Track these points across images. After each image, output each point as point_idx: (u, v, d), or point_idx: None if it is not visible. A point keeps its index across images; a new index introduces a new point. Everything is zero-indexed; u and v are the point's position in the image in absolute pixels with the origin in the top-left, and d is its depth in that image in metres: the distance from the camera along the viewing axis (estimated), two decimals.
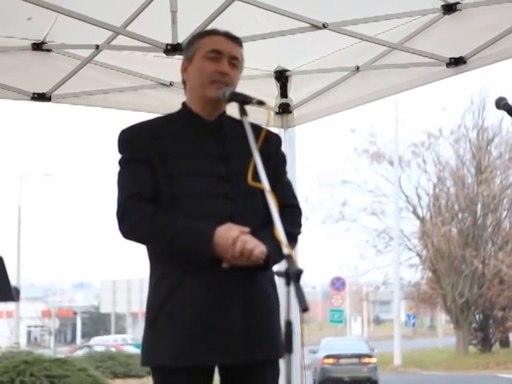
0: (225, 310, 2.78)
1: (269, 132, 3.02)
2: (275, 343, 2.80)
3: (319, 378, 21.78)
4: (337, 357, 21.91)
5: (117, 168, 2.92)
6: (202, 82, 2.88)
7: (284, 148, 3.08)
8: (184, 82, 2.98)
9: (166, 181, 2.82)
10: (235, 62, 2.90)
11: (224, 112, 2.96)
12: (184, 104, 2.97)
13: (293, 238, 2.89)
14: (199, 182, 2.82)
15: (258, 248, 2.70)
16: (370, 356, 22.29)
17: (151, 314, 2.84)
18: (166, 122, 2.97)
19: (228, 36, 2.92)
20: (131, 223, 2.81)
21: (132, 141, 2.88)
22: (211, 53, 2.87)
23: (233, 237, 2.69)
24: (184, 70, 2.96)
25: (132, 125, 2.93)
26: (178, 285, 2.79)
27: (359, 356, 22.30)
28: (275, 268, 2.80)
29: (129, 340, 35.27)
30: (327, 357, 21.98)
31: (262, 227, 2.76)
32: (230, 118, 2.95)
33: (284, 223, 2.56)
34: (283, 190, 2.94)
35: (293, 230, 2.90)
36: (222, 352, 2.77)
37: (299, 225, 2.98)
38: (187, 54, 2.96)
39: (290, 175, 3.08)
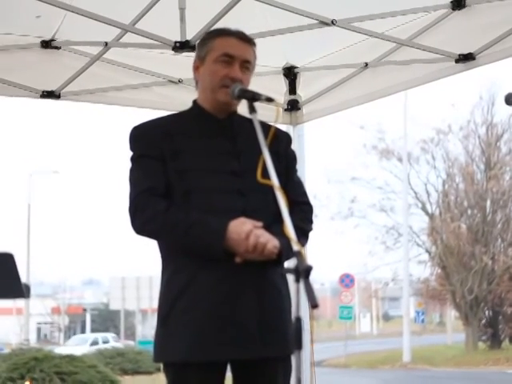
0: (238, 306, 2.78)
1: (279, 130, 3.03)
2: (287, 340, 2.79)
3: None
4: None
5: (125, 165, 2.93)
6: (213, 87, 2.89)
7: (293, 145, 3.09)
8: (196, 81, 2.99)
9: (178, 176, 2.83)
10: (247, 66, 2.91)
11: (235, 110, 2.97)
12: (195, 102, 2.98)
13: (304, 235, 2.90)
14: (211, 178, 2.84)
15: (271, 242, 2.71)
16: None
17: (164, 310, 2.85)
18: (177, 120, 2.99)
19: (241, 38, 2.92)
20: (144, 218, 2.82)
21: (143, 137, 2.90)
22: (223, 57, 2.88)
23: (246, 231, 2.70)
24: (196, 68, 2.97)
25: (143, 122, 2.95)
26: (191, 280, 2.80)
27: None
28: (286, 264, 2.81)
29: (110, 338, 35.23)
30: None
31: (274, 223, 2.76)
32: (241, 117, 2.95)
33: (295, 219, 2.58)
34: (294, 187, 2.96)
35: (304, 226, 2.92)
36: (235, 347, 2.77)
37: (310, 221, 2.99)
38: (200, 53, 2.96)
39: (298, 172, 3.09)
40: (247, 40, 2.93)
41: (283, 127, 4.87)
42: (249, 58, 2.91)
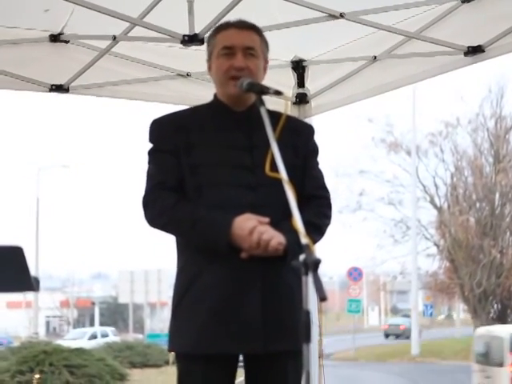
0: (242, 300, 2.79)
1: (300, 122, 3.07)
2: (296, 334, 2.79)
3: None
4: None
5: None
6: (221, 81, 2.91)
7: None
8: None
9: (191, 170, 2.85)
10: (251, 52, 2.90)
11: (254, 103, 2.94)
12: (215, 95, 2.99)
13: (318, 229, 2.89)
14: (223, 172, 2.84)
15: (276, 239, 2.70)
16: None
17: (175, 302, 2.89)
18: (194, 113, 3.00)
19: (239, 26, 2.92)
20: (153, 212, 2.85)
21: (160, 131, 2.92)
22: (224, 50, 2.89)
23: (249, 227, 2.70)
24: (209, 68, 2.99)
25: (162, 115, 2.98)
26: (199, 273, 2.82)
27: None
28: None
29: (110, 332, 35.26)
30: None
31: (286, 218, 2.72)
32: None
33: (309, 215, 2.58)
34: (312, 181, 2.95)
35: (318, 222, 2.90)
36: (239, 341, 2.78)
37: (326, 216, 2.97)
38: (208, 53, 3.00)
39: None
40: (247, 27, 2.93)
41: None
42: (249, 44, 2.90)
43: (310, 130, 3.06)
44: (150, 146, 2.94)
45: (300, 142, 2.94)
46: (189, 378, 2.87)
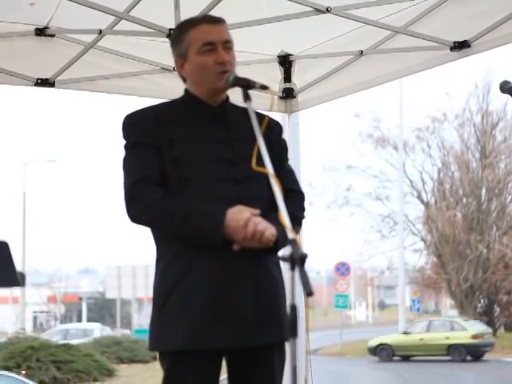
0: (235, 293, 2.78)
1: (271, 119, 3.03)
2: (283, 327, 2.79)
3: None
4: None
5: (121, 154, 2.91)
6: (207, 77, 2.88)
7: (288, 133, 3.10)
8: (183, 77, 2.98)
9: (174, 164, 2.82)
10: (229, 45, 2.91)
11: (227, 98, 2.97)
12: (187, 90, 2.98)
13: (298, 222, 2.92)
14: (207, 166, 2.83)
15: (269, 230, 2.72)
16: None
17: (160, 299, 2.84)
18: (170, 108, 2.98)
19: (211, 21, 2.91)
20: (140, 207, 2.80)
21: (138, 125, 2.88)
22: (204, 46, 2.87)
23: (245, 218, 2.70)
24: (180, 67, 2.96)
25: (137, 110, 2.93)
26: (187, 269, 2.79)
27: None
28: (280, 252, 2.81)
29: (95, 328, 35.13)
30: None
31: (268, 211, 2.76)
32: (233, 105, 2.96)
33: (290, 207, 2.58)
34: (286, 175, 2.97)
35: (298, 214, 2.94)
36: (233, 335, 2.77)
37: (303, 209, 3.02)
38: (179, 51, 2.95)
39: (293, 160, 3.10)
40: (217, 21, 2.92)
41: (278, 115, 4.86)
42: (227, 37, 2.91)
43: (280, 126, 3.09)
44: (127, 140, 2.89)
45: (273, 136, 2.96)
46: (179, 376, 2.82)
